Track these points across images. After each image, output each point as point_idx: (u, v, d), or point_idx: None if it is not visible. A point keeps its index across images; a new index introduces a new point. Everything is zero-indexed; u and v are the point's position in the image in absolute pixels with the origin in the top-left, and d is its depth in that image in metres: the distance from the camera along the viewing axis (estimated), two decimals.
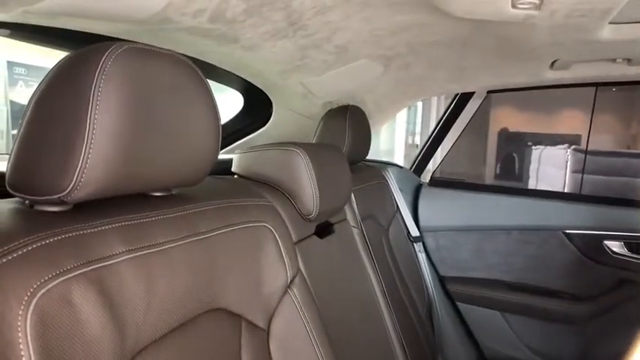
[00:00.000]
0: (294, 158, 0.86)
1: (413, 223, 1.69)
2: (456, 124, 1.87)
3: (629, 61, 1.32)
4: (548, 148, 4.92)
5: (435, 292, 1.70)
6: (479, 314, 1.78)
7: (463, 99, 1.77)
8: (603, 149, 4.56)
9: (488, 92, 1.74)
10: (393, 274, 1.47)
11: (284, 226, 0.80)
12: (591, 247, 1.61)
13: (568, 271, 1.65)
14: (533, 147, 5.11)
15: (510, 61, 1.37)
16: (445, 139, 1.92)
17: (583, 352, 1.66)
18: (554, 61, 1.35)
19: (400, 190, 1.69)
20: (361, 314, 1.05)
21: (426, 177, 1.95)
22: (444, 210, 1.82)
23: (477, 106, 1.81)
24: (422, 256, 1.70)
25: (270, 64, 1.18)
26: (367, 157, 1.51)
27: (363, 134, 1.43)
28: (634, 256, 1.58)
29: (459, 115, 1.80)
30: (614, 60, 1.34)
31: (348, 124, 1.34)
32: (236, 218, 0.68)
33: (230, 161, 0.99)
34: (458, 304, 1.81)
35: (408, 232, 1.67)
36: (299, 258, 0.83)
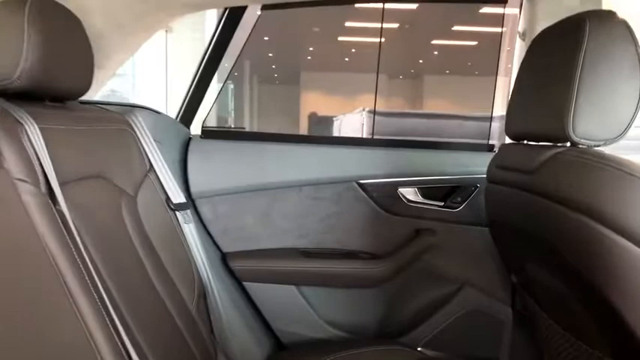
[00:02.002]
0: None
1: (176, 186, 1.23)
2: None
3: None
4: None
5: (212, 273, 1.28)
6: (271, 293, 1.44)
7: (233, 17, 1.35)
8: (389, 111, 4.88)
9: (263, 8, 1.35)
10: (140, 260, 0.99)
11: None
12: (386, 197, 1.41)
13: (366, 228, 1.43)
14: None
15: None
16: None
17: (387, 314, 1.48)
18: None
19: (158, 143, 1.20)
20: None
21: (197, 129, 1.51)
22: (221, 169, 1.41)
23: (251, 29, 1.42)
24: (191, 229, 1.25)
25: None
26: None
27: (72, 54, 0.90)
28: (427, 202, 1.43)
29: (230, 40, 1.38)
30: None
31: (30, 27, 0.79)
32: None
33: None
34: (245, 284, 1.44)
35: (168, 199, 1.21)
36: None
